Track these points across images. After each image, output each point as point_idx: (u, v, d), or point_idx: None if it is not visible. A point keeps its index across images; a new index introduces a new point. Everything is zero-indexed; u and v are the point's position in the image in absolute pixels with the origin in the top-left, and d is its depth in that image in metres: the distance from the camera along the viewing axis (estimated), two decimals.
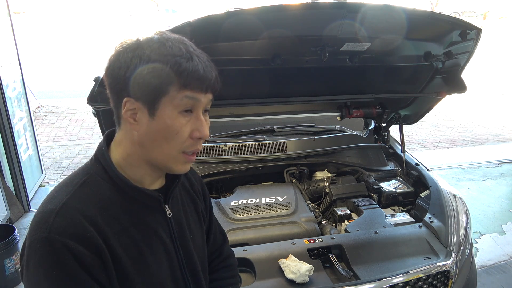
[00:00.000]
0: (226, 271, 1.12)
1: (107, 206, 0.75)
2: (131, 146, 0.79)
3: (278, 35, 1.60)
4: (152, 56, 0.71)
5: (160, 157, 0.78)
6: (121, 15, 24.35)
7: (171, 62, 0.71)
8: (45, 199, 0.76)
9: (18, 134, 3.58)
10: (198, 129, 0.77)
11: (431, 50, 1.87)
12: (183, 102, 0.74)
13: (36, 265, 0.68)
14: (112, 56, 0.75)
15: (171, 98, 0.73)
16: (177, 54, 0.72)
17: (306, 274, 1.39)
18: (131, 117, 0.75)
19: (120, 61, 0.73)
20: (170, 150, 0.77)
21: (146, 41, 0.74)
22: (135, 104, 0.74)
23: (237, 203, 1.85)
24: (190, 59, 0.72)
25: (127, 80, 0.72)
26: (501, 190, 4.28)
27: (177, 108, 0.74)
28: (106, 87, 0.78)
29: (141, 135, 0.76)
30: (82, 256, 0.68)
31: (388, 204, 2.08)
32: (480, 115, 7.79)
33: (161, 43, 0.73)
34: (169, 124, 0.74)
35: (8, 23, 3.66)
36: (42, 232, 0.68)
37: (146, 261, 0.79)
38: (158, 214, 0.85)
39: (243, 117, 2.17)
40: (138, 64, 0.71)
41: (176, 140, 0.76)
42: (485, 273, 2.84)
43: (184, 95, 0.73)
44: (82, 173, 0.79)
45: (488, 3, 26.59)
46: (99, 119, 1.82)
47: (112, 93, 0.77)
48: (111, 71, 0.75)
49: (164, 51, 0.71)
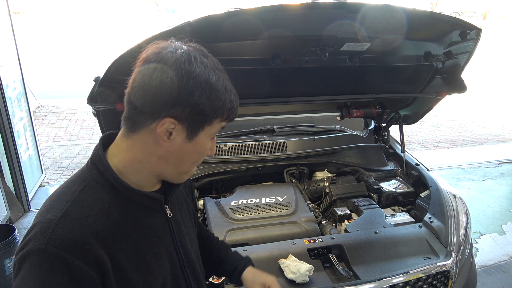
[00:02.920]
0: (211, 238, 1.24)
1: (108, 213, 0.74)
2: (148, 156, 0.78)
3: (278, 35, 1.60)
4: (208, 89, 0.72)
5: (175, 172, 0.82)
6: (121, 15, 24.35)
7: (228, 99, 0.76)
8: (42, 208, 0.74)
9: (18, 134, 3.58)
10: (212, 149, 0.84)
11: (431, 50, 1.87)
12: (217, 130, 0.80)
13: (26, 275, 0.66)
14: (154, 72, 0.71)
15: (212, 127, 0.78)
16: (228, 88, 0.76)
17: (306, 274, 1.39)
18: (165, 134, 0.74)
19: (166, 83, 0.70)
20: (190, 167, 0.83)
21: (199, 68, 0.73)
22: (175, 125, 0.73)
23: (237, 203, 1.85)
24: (234, 94, 0.78)
25: (176, 103, 0.71)
26: (501, 190, 4.28)
27: (212, 135, 0.80)
28: (133, 96, 0.73)
29: (169, 152, 0.77)
30: (77, 271, 0.67)
31: (388, 204, 2.08)
32: (480, 115, 7.79)
33: (214, 73, 0.74)
34: (202, 149, 0.80)
35: (8, 23, 3.66)
36: (40, 243, 0.66)
37: (148, 264, 0.79)
38: (159, 216, 0.85)
39: (243, 117, 2.17)
40: (194, 92, 0.71)
41: (200, 160, 0.83)
42: (485, 273, 2.84)
43: (221, 125, 0.80)
44: (79, 180, 0.77)
45: (488, 3, 26.59)
46: (99, 119, 1.81)
47: (147, 106, 0.73)
48: (157, 90, 0.71)
49: (218, 85, 0.74)
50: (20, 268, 0.67)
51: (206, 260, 1.15)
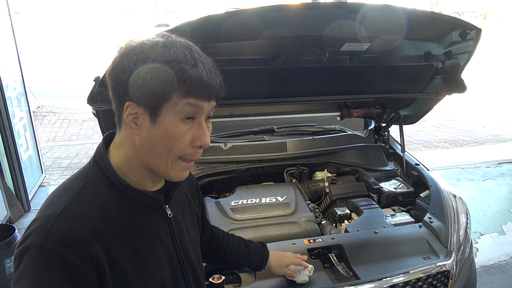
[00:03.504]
0: (223, 234, 1.28)
1: (107, 211, 0.74)
2: (132, 149, 0.78)
3: (278, 35, 1.60)
4: (156, 61, 0.70)
5: (158, 164, 0.77)
6: (121, 15, 24.35)
7: (175, 68, 0.69)
8: (44, 203, 0.75)
9: (18, 134, 3.58)
10: (200, 137, 0.76)
11: (431, 50, 1.87)
12: (185, 109, 0.73)
13: (25, 269, 0.67)
14: (116, 58, 0.74)
15: (174, 104, 0.72)
16: (182, 60, 0.70)
17: (306, 274, 1.39)
18: (133, 121, 0.74)
19: (123, 65, 0.72)
20: (169, 157, 0.76)
21: (151, 45, 0.72)
22: (137, 109, 0.73)
23: (237, 203, 1.85)
24: (194, 65, 0.71)
25: (130, 84, 0.71)
26: (501, 190, 4.28)
27: (179, 115, 0.73)
28: (109, 88, 0.77)
29: (141, 140, 0.75)
30: (73, 267, 0.67)
31: (388, 204, 2.08)
32: (480, 115, 7.79)
33: (166, 48, 0.71)
34: (170, 131, 0.73)
35: (8, 23, 3.66)
36: (38, 238, 0.67)
37: (146, 264, 0.79)
38: (159, 215, 0.85)
39: (243, 117, 2.17)
40: (141, 69, 0.70)
41: (176, 148, 0.75)
42: (485, 273, 2.84)
43: (186, 102, 0.72)
44: (81, 177, 0.78)
45: (488, 3, 26.59)
46: (99, 119, 1.82)
47: (114, 96, 0.76)
48: (115, 74, 0.74)
49: (169, 56, 0.70)
50: (19, 262, 0.68)
51: (229, 257, 1.26)
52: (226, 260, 1.28)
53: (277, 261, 1.31)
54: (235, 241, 1.29)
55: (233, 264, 1.33)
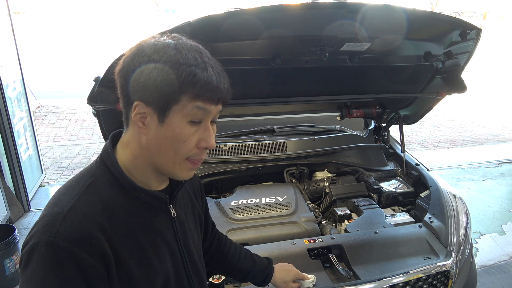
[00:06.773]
0: (227, 241, 1.26)
1: (113, 209, 0.75)
2: (139, 149, 0.79)
3: (278, 35, 1.60)
4: (168, 63, 0.71)
5: (165, 163, 0.79)
6: (121, 15, 24.36)
7: (186, 71, 0.71)
8: (50, 201, 0.75)
9: (18, 134, 3.58)
10: (206, 139, 0.78)
11: (431, 50, 1.87)
12: (194, 112, 0.74)
13: (35, 267, 0.67)
14: (127, 58, 0.75)
15: (182, 107, 0.73)
16: (193, 63, 0.72)
17: (311, 282, 1.39)
18: (140, 120, 0.75)
19: (134, 65, 0.73)
20: (176, 158, 0.78)
21: (162, 47, 0.73)
22: (145, 109, 0.73)
23: (237, 203, 1.85)
24: (205, 69, 0.72)
25: (140, 84, 0.72)
26: (501, 190, 4.28)
27: (187, 117, 0.74)
28: (117, 87, 0.77)
29: (148, 140, 0.76)
30: (84, 264, 0.68)
31: (388, 204, 2.08)
32: (480, 115, 7.79)
33: (178, 50, 0.72)
34: (177, 133, 0.75)
35: (8, 23, 3.66)
36: (48, 236, 0.67)
37: (150, 262, 0.80)
38: (163, 215, 0.86)
39: (243, 117, 2.17)
40: (153, 70, 0.71)
41: (182, 149, 0.76)
42: (485, 273, 2.84)
43: (195, 105, 0.73)
44: (88, 175, 0.78)
45: (488, 3, 26.60)
46: (99, 119, 1.81)
47: (123, 95, 0.77)
48: (125, 73, 0.74)
49: (180, 59, 0.71)
50: (28, 260, 0.68)
51: (233, 269, 1.24)
52: (229, 271, 1.27)
53: (282, 278, 1.28)
54: (242, 254, 1.26)
55: (236, 277, 1.31)
